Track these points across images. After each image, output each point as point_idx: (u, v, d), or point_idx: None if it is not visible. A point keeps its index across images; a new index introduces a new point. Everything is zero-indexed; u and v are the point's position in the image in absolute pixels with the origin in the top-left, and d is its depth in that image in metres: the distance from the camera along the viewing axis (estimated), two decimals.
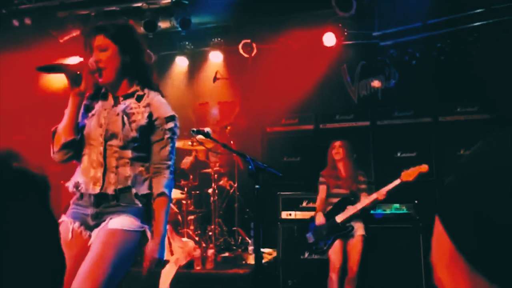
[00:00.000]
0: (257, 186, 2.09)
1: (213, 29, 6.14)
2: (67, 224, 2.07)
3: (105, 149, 2.06)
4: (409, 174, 3.93)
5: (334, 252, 4.01)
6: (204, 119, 6.44)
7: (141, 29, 5.33)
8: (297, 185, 5.06)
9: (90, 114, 2.13)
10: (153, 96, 2.16)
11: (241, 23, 5.95)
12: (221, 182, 5.37)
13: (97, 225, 2.04)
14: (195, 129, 2.61)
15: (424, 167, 3.95)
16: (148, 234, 2.04)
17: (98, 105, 2.13)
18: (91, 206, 2.05)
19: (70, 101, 2.08)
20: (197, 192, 5.30)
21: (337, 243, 4.03)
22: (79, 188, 2.08)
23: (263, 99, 6.03)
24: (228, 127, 5.50)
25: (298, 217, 4.79)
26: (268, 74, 5.97)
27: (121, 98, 2.15)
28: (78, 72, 2.02)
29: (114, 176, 2.03)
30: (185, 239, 4.77)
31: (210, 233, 5.00)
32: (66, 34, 5.46)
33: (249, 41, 5.88)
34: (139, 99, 2.13)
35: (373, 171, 5.33)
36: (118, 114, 2.09)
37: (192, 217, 5.09)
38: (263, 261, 4.88)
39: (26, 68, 6.32)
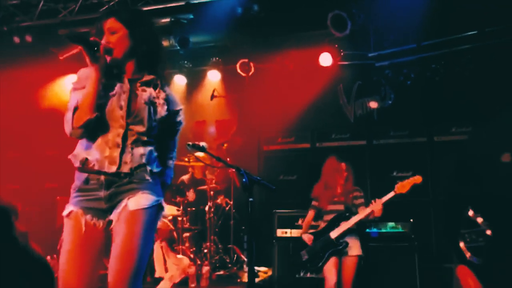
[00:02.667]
0: (251, 199, 2.10)
1: (211, 49, 6.23)
2: (78, 217, 2.03)
3: (126, 132, 2.07)
4: (403, 186, 3.88)
5: (329, 269, 3.93)
6: (201, 137, 6.47)
7: None
8: (293, 203, 5.07)
9: (110, 94, 2.12)
10: (168, 90, 2.23)
11: (239, 43, 6.05)
12: (218, 200, 5.37)
13: (112, 207, 2.03)
14: (191, 143, 2.63)
15: (418, 179, 3.90)
16: (164, 204, 2.11)
17: (118, 87, 2.14)
18: (102, 189, 2.03)
19: (92, 77, 2.07)
20: (193, 209, 5.29)
21: (332, 260, 3.94)
22: (91, 166, 2.05)
23: (260, 118, 6.09)
24: (225, 145, 5.53)
25: (294, 235, 4.78)
26: (265, 93, 6.04)
27: (138, 84, 2.17)
28: (96, 48, 2.05)
29: (130, 156, 2.06)
30: (180, 256, 4.75)
31: (205, 251, 4.98)
32: (66, 51, 5.52)
33: (246, 60, 5.97)
34: (155, 87, 2.18)
35: (369, 190, 5.35)
36: (145, 102, 2.12)
37: (187, 234, 5.07)
38: (258, 279, 4.84)
39: (26, 84, 6.40)
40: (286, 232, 4.85)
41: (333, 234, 3.99)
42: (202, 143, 2.68)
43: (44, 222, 5.85)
